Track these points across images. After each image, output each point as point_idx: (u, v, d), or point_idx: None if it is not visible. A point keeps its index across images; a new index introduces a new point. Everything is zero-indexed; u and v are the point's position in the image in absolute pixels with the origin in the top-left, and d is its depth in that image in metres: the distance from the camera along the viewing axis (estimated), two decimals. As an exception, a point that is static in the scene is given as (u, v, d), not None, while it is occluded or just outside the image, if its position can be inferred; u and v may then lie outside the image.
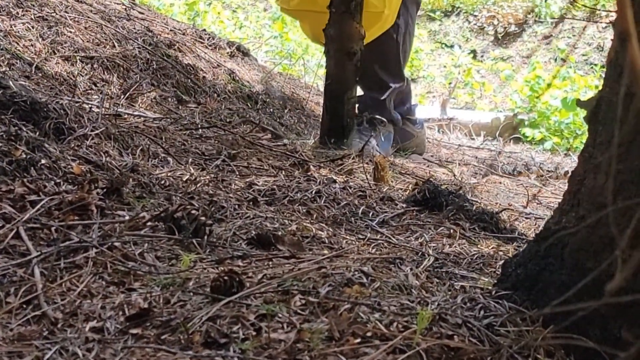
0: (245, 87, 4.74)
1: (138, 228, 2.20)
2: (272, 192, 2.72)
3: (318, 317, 1.73)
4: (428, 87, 10.05)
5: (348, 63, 3.83)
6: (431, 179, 3.15)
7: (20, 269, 1.90)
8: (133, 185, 2.52)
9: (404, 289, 1.93)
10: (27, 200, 2.20)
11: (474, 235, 2.65)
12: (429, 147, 5.18)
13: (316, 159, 3.46)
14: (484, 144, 6.09)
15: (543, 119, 8.09)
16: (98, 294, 1.85)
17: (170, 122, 3.52)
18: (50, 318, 1.74)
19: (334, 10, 3.78)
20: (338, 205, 2.71)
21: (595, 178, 1.80)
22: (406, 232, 2.59)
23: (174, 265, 2.03)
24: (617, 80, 1.78)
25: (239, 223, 2.37)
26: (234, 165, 3.03)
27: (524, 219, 3.18)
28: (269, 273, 1.96)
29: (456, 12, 11.46)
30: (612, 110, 1.78)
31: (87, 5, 4.68)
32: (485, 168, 4.62)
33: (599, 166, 1.79)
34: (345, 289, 1.86)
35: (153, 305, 1.79)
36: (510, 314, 1.77)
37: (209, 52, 4.95)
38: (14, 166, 2.33)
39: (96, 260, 1.99)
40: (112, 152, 2.77)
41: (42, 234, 2.08)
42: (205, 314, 1.73)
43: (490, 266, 2.33)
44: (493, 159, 5.02)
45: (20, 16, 4.18)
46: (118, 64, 4.15)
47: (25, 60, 3.80)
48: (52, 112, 2.77)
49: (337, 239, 2.40)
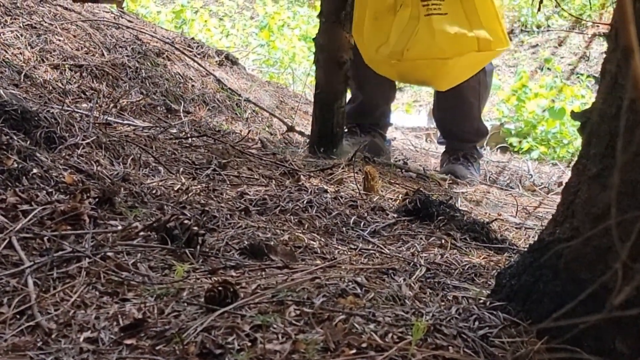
0: (234, 96, 4.74)
1: (131, 238, 2.19)
2: (264, 202, 2.72)
3: (313, 328, 1.73)
4: (415, 95, 10.06)
5: (338, 72, 3.84)
6: (421, 189, 3.16)
7: (13, 279, 1.90)
8: (125, 195, 2.51)
9: (398, 300, 1.93)
10: (19, 209, 2.19)
11: (465, 246, 2.65)
12: (417, 156, 5.19)
13: (306, 168, 3.46)
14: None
15: (530, 128, 8.12)
16: (92, 304, 1.84)
17: (160, 131, 3.51)
18: (45, 328, 1.74)
19: (324, 20, 3.78)
20: (329, 215, 2.71)
21: (589, 189, 1.80)
22: (398, 242, 2.59)
23: (167, 275, 2.03)
24: (611, 92, 1.78)
25: (231, 233, 2.36)
26: (225, 174, 3.02)
27: (514, 229, 3.19)
28: (263, 283, 1.96)
29: (443, 21, 11.47)
30: (606, 122, 1.79)
31: (75, 13, 4.68)
32: (474, 177, 4.62)
33: (593, 178, 1.80)
34: (339, 300, 1.86)
35: (147, 315, 1.79)
36: (504, 325, 1.78)
37: (198, 60, 4.95)
38: (5, 175, 2.33)
39: (89, 270, 1.98)
40: (103, 161, 2.77)
41: (35, 243, 2.08)
42: (200, 324, 1.72)
43: (481, 276, 2.33)
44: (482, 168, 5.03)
45: (9, 24, 4.17)
46: (107, 73, 4.15)
47: (14, 68, 3.79)
48: (43, 120, 2.76)
49: (329, 249, 2.40)
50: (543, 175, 5.22)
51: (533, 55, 10.64)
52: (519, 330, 1.78)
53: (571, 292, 1.77)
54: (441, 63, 4.00)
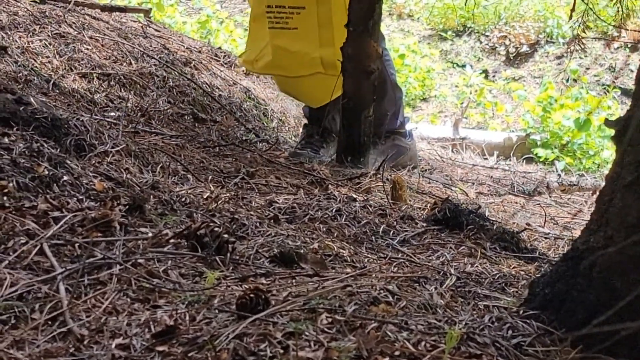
0: (261, 105, 4.74)
1: (161, 245, 2.19)
2: (293, 210, 2.72)
3: (345, 336, 1.72)
4: (440, 106, 10.04)
5: (365, 82, 3.83)
6: (450, 199, 3.14)
7: (45, 286, 1.90)
8: (154, 203, 2.51)
9: (430, 308, 1.92)
10: (50, 216, 2.19)
11: (495, 255, 2.64)
12: (444, 166, 5.18)
13: (333, 177, 3.45)
14: (497, 163, 6.09)
15: (555, 139, 8.08)
16: (123, 310, 1.84)
17: (188, 140, 3.52)
18: (76, 335, 1.73)
19: (352, 30, 3.78)
20: (359, 224, 2.70)
21: (623, 198, 1.79)
22: (427, 251, 2.58)
23: (198, 282, 2.03)
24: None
25: (260, 241, 2.36)
26: (253, 182, 3.02)
27: (543, 239, 3.17)
28: (294, 291, 1.96)
29: (468, 32, 11.47)
30: (641, 130, 1.78)
31: (103, 22, 4.70)
32: (501, 187, 4.61)
33: (627, 186, 1.78)
34: (371, 308, 1.85)
35: (179, 322, 1.78)
36: (538, 333, 1.76)
37: (225, 70, 4.96)
38: (36, 182, 2.33)
39: (120, 277, 1.98)
40: (133, 169, 2.77)
41: (66, 250, 2.08)
42: (232, 331, 1.72)
43: (512, 286, 2.32)
44: (508, 178, 5.01)
45: (38, 33, 4.20)
46: (135, 82, 4.17)
47: (42, 76, 3.81)
48: (73, 128, 2.77)
49: (359, 257, 2.39)
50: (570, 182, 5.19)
51: (559, 67, 10.59)
52: (553, 339, 1.76)
53: (605, 301, 1.75)
54: (291, 81, 3.91)
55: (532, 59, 10.89)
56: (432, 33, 11.70)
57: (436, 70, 10.60)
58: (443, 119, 9.47)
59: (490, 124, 9.23)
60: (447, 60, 11.13)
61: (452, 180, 4.60)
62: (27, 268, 1.98)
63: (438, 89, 10.31)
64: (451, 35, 11.49)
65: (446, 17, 11.63)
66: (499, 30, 11.17)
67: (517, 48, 10.98)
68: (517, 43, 11.01)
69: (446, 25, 11.63)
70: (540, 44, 11.05)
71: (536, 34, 11.06)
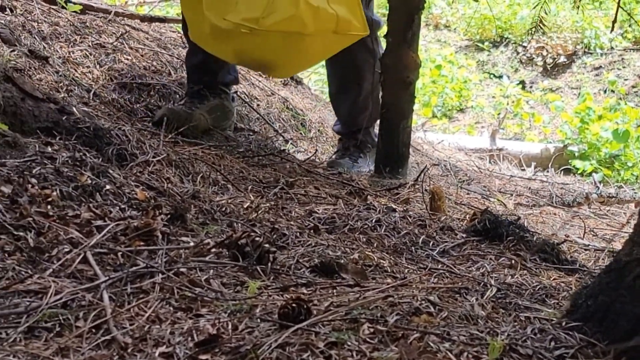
0: (299, 115, 4.76)
1: (203, 254, 2.21)
2: (332, 220, 2.73)
3: (387, 346, 1.72)
4: (477, 117, 10.02)
5: (404, 92, 3.84)
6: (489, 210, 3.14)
7: (88, 294, 1.92)
8: (195, 212, 2.53)
9: (471, 319, 1.92)
10: (93, 225, 2.22)
11: (535, 266, 2.63)
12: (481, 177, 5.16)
13: (372, 187, 3.46)
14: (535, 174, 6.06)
15: (593, 150, 8.04)
16: (166, 319, 1.86)
17: (228, 150, 3.54)
18: (120, 343, 1.75)
19: (391, 40, 3.78)
20: (398, 234, 2.71)
21: (667, 209, 1.78)
22: (467, 262, 2.57)
23: (240, 291, 2.04)
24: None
25: (301, 251, 2.37)
26: (292, 192, 3.03)
27: (583, 251, 3.15)
28: (335, 301, 1.96)
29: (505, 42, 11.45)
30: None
31: (143, 33, 4.74)
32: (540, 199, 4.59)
33: (671, 198, 1.77)
34: (413, 318, 1.85)
35: (221, 331, 1.79)
36: (581, 345, 1.76)
37: (263, 80, 4.98)
38: (79, 191, 2.36)
39: (163, 285, 2.00)
40: (174, 178, 2.79)
41: (109, 259, 2.10)
42: (274, 340, 1.72)
43: (552, 297, 2.31)
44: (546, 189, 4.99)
45: (79, 43, 4.24)
46: (174, 92, 4.19)
47: (83, 86, 3.85)
48: (115, 138, 2.79)
49: (399, 268, 2.39)
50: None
51: (596, 77, 10.54)
52: (596, 351, 1.75)
53: (649, 314, 1.74)
54: (297, 39, 3.58)
55: (569, 69, 10.84)
56: (469, 44, 11.68)
57: (473, 81, 10.59)
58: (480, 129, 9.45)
59: (528, 135, 9.19)
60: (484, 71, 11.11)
61: (490, 191, 4.58)
62: (71, 276, 2.00)
63: (475, 100, 10.29)
64: (488, 45, 11.47)
65: (483, 27, 11.61)
66: (536, 41, 11.13)
67: (554, 59, 10.94)
68: (554, 54, 10.97)
69: (483, 36, 11.61)
70: (578, 54, 11.00)
71: (574, 44, 11.02)
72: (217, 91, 4.03)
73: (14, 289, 1.90)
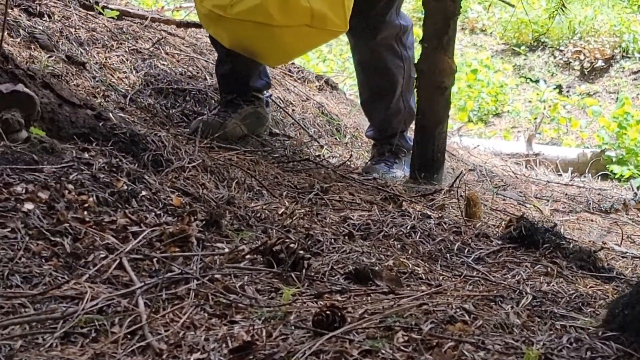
0: (334, 120, 4.76)
1: (237, 261, 2.21)
2: (367, 227, 2.72)
3: (422, 354, 1.71)
4: (513, 122, 9.97)
5: (439, 98, 3.83)
6: (525, 216, 3.12)
7: (124, 300, 1.93)
8: (230, 218, 2.54)
9: (506, 328, 1.91)
10: (129, 231, 2.23)
11: (571, 274, 2.61)
12: (517, 183, 5.13)
13: (407, 193, 3.45)
14: (572, 180, 6.02)
15: (631, 155, 7.97)
16: (201, 325, 1.86)
17: (263, 155, 3.54)
18: (155, 349, 1.75)
19: (426, 45, 3.77)
20: (433, 241, 2.70)
21: None
22: (502, 269, 2.56)
23: (274, 298, 2.04)
24: None
25: (335, 257, 2.37)
26: (327, 198, 3.03)
27: (620, 258, 3.12)
28: (370, 308, 1.96)
29: (541, 46, 11.38)
30: None
31: (179, 38, 4.76)
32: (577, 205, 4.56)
33: None
34: (447, 326, 1.84)
35: (255, 338, 1.80)
36: (618, 355, 1.74)
37: (298, 86, 4.99)
38: (115, 197, 2.37)
39: (198, 292, 2.00)
40: (209, 184, 2.80)
41: (145, 264, 2.11)
42: (309, 348, 1.72)
43: (589, 306, 2.29)
44: (583, 195, 4.95)
45: (115, 49, 4.27)
46: (210, 97, 4.21)
47: (119, 92, 3.87)
48: (151, 144, 2.81)
49: (434, 275, 2.39)
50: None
51: (635, 82, 10.46)
52: (633, 361, 1.74)
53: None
54: (267, 30, 3.54)
55: (607, 74, 10.76)
56: (505, 48, 11.63)
57: (509, 85, 10.54)
58: (516, 134, 9.40)
59: (564, 139, 9.14)
60: (521, 75, 11.06)
61: (526, 197, 4.56)
62: (106, 282, 2.01)
63: (511, 104, 10.24)
64: (525, 50, 11.42)
65: (520, 31, 11.55)
66: (573, 45, 11.07)
67: (591, 63, 10.86)
68: (591, 58, 10.89)
69: (520, 40, 11.56)
70: (616, 59, 10.92)
71: (611, 48, 10.94)
72: (250, 98, 4.01)
73: (51, 294, 1.91)
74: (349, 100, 5.59)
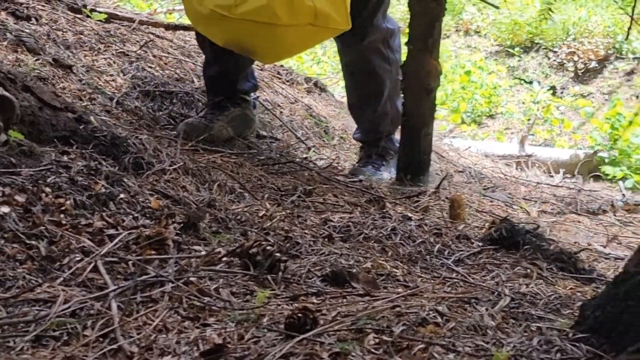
0: (322, 122, 4.76)
1: (214, 263, 2.21)
2: (347, 229, 2.72)
3: (392, 357, 1.71)
4: (506, 123, 9.97)
5: (425, 99, 3.83)
6: (508, 218, 3.12)
7: (97, 302, 1.93)
8: (210, 221, 2.54)
9: (480, 330, 1.91)
10: (105, 234, 2.23)
11: (551, 276, 2.61)
12: (507, 184, 5.13)
13: (392, 195, 3.45)
14: (562, 181, 6.02)
15: (624, 156, 7.97)
16: (173, 328, 1.86)
17: (248, 158, 3.55)
18: (126, 352, 1.75)
19: (412, 47, 3.78)
20: (413, 243, 2.70)
21: (676, 220, 1.76)
22: (482, 271, 2.56)
23: (249, 301, 2.04)
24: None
25: (313, 259, 2.37)
26: (310, 201, 3.04)
27: (603, 260, 3.12)
28: (343, 311, 1.96)
29: (535, 48, 11.38)
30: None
31: (167, 41, 4.76)
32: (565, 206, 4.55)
33: (680, 208, 1.76)
34: (419, 329, 1.84)
35: (227, 341, 1.80)
36: (588, 357, 1.74)
37: (287, 88, 4.99)
38: (93, 200, 2.37)
39: (172, 294, 2.01)
40: (190, 187, 2.80)
41: (120, 267, 2.11)
42: (279, 350, 1.72)
43: (567, 307, 2.29)
44: (572, 197, 4.95)
45: (103, 52, 4.27)
46: (197, 99, 4.21)
47: (106, 94, 3.87)
48: (132, 146, 2.81)
49: (412, 277, 2.39)
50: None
51: (628, 83, 10.46)
52: (603, 363, 1.74)
53: (657, 325, 1.73)
54: (271, 30, 3.55)
55: (601, 75, 10.76)
56: (499, 49, 11.63)
57: (503, 86, 10.54)
58: (509, 136, 9.40)
59: (558, 141, 9.14)
60: (514, 76, 11.06)
61: (514, 198, 4.56)
62: (81, 285, 2.01)
63: (505, 106, 10.24)
64: (519, 51, 11.41)
65: (514, 33, 11.56)
66: (567, 46, 11.06)
67: (585, 64, 10.86)
68: (585, 59, 10.89)
69: (514, 42, 11.56)
70: (610, 60, 10.92)
71: (605, 49, 10.94)
72: (238, 100, 4.03)
73: (24, 297, 1.92)
74: (338, 102, 5.59)
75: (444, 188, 3.75)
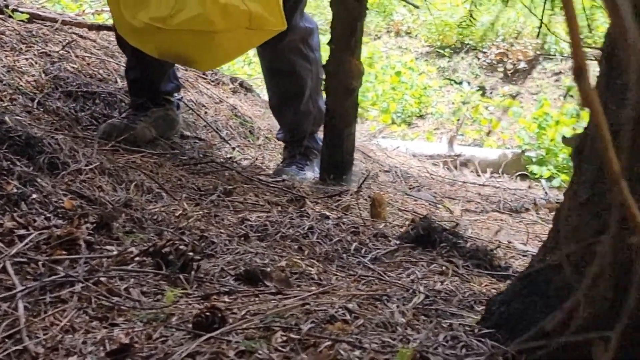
0: (247, 122, 4.75)
1: (125, 263, 2.20)
2: (265, 228, 2.72)
3: (298, 354, 1.72)
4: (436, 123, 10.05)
5: (348, 99, 3.84)
6: (427, 216, 3.14)
7: (4, 303, 1.90)
8: (124, 220, 2.52)
9: (389, 327, 1.92)
10: (15, 234, 2.20)
11: (467, 273, 2.63)
12: (433, 183, 5.17)
13: (314, 194, 3.46)
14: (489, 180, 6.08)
15: (551, 156, 8.08)
16: (81, 328, 1.85)
17: (169, 158, 3.53)
18: (31, 353, 1.74)
19: (334, 47, 3.79)
20: (330, 242, 2.70)
21: (580, 216, 1.79)
22: (398, 269, 2.58)
23: (159, 300, 2.03)
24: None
25: (228, 259, 2.36)
26: (229, 200, 3.03)
27: (520, 257, 3.16)
28: (253, 309, 1.96)
29: (465, 48, 11.49)
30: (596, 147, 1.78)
31: (90, 41, 4.72)
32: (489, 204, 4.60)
33: (583, 204, 1.78)
34: (327, 326, 1.85)
35: (134, 340, 1.79)
36: (492, 352, 1.76)
37: (212, 88, 4.98)
38: (4, 200, 2.34)
39: (81, 295, 1.99)
40: (106, 187, 2.78)
41: (29, 268, 2.08)
42: (185, 350, 1.72)
43: (481, 304, 2.31)
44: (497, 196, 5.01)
45: (24, 52, 4.21)
46: (120, 100, 4.18)
47: (27, 95, 3.82)
48: (47, 147, 2.78)
49: (327, 275, 2.39)
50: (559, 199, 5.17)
51: (556, 83, 10.61)
52: (507, 358, 1.76)
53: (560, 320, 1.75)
54: (208, 37, 3.55)
55: (529, 75, 10.90)
56: (429, 50, 11.72)
57: (433, 87, 10.63)
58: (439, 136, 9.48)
59: (486, 140, 9.24)
60: (445, 77, 11.15)
61: (439, 197, 4.59)
62: (-12, 286, 1.98)
63: (435, 106, 10.33)
64: (449, 52, 11.51)
65: (444, 34, 11.66)
66: (496, 47, 11.19)
67: (514, 64, 11.00)
68: (514, 60, 11.02)
69: (444, 42, 11.65)
70: (538, 60, 11.07)
71: (534, 50, 11.08)
72: (161, 101, 4.01)
73: None
74: (264, 102, 5.58)
75: (367, 187, 3.77)
